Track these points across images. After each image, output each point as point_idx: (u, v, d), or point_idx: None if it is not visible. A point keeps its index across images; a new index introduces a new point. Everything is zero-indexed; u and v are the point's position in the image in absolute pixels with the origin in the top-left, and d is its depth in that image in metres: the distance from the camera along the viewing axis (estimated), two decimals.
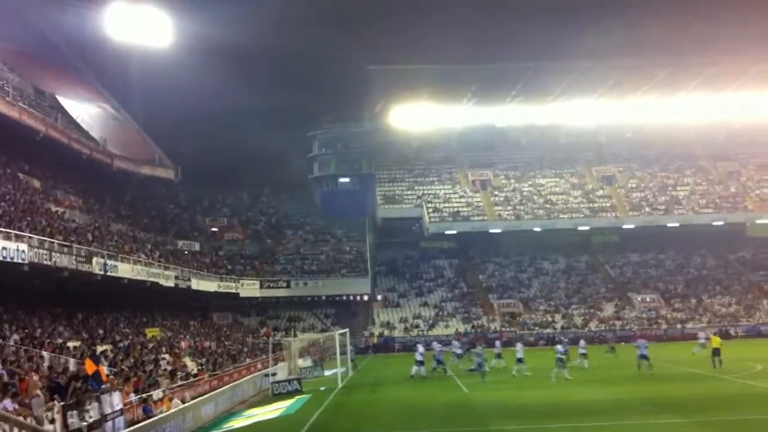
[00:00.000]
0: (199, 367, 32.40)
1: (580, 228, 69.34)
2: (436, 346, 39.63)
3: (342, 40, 69.54)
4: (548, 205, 70.95)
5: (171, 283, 43.11)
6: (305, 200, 78.66)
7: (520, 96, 69.57)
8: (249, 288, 59.02)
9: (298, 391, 31.65)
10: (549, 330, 59.53)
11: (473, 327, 60.34)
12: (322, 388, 32.60)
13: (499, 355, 38.13)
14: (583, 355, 35.55)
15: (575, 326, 59.73)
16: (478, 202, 72.07)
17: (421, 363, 35.44)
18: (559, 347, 32.97)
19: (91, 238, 37.49)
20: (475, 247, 72.44)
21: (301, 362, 39.35)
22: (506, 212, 70.38)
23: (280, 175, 77.58)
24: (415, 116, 71.29)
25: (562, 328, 59.41)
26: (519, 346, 35.60)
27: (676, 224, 68.50)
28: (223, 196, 76.41)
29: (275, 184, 78.58)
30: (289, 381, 33.08)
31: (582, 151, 78.50)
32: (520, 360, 33.68)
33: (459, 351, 40.90)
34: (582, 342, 37.41)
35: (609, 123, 74.07)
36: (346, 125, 79.06)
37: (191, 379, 28.85)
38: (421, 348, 37.02)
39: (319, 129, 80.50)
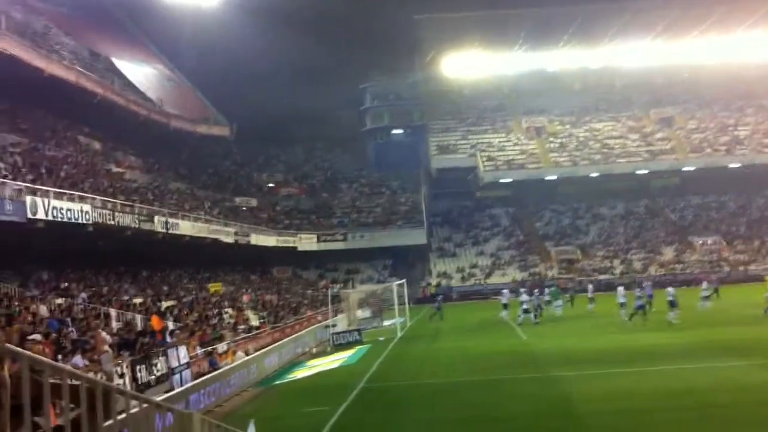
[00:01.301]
0: (261, 320, 33.05)
1: (638, 172, 68.14)
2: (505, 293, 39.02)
3: None
4: (605, 150, 69.79)
5: (231, 239, 43.84)
6: (358, 153, 78.74)
7: (573, 40, 68.10)
8: (306, 242, 59.67)
9: (358, 342, 32.12)
10: (607, 276, 58.98)
11: (530, 275, 60.17)
12: (381, 339, 33.00)
13: (591, 300, 38.08)
14: (672, 303, 29.62)
15: (634, 271, 59.08)
16: (533, 149, 71.24)
17: (505, 306, 35.92)
18: (637, 291, 32.21)
19: (151, 198, 38.27)
20: (531, 194, 71.81)
21: (360, 313, 39.84)
22: (562, 158, 69.51)
23: (333, 130, 77.67)
24: (466, 65, 70.42)
25: (622, 273, 58.80)
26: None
27: (738, 165, 66.78)
28: (277, 152, 76.93)
29: (328, 138, 78.74)
30: (348, 332, 33.59)
31: (638, 94, 76.77)
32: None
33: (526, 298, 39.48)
34: (670, 290, 30.92)
35: (665, 64, 72.15)
36: (398, 77, 78.51)
37: (254, 332, 29.47)
38: (506, 293, 37.37)
39: (371, 82, 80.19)
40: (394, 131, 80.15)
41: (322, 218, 65.08)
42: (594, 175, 68.08)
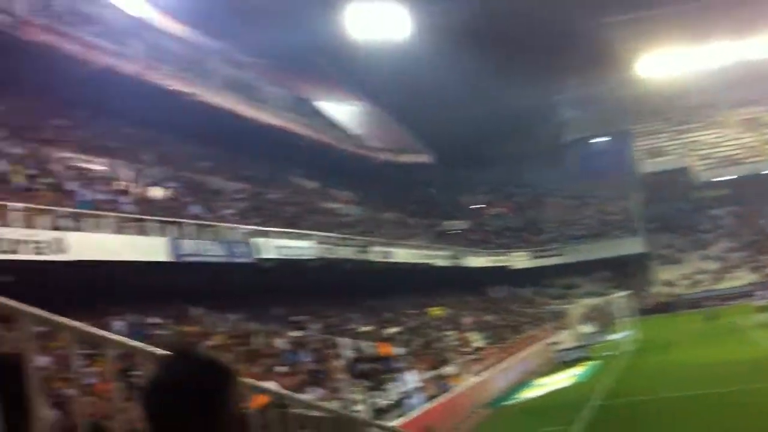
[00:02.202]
0: (484, 341, 32.95)
1: None
2: None
3: None
4: None
5: (445, 263, 44.32)
6: (559, 166, 76.95)
7: None
8: (519, 260, 59.05)
9: (586, 358, 31.15)
10: None
11: (767, 275, 55.62)
12: (609, 353, 31.79)
13: None
14: None
15: None
16: (750, 142, 66.25)
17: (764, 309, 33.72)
18: None
19: (366, 229, 39.57)
20: (754, 190, 66.57)
21: (584, 328, 38.69)
22: None
23: (530, 145, 76.38)
24: (664, 63, 67.08)
25: None
26: None
27: None
28: (478, 173, 76.92)
29: (526, 154, 77.56)
30: (575, 348, 32.70)
31: None
32: None
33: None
34: None
35: None
36: (594, 84, 76.10)
37: (478, 354, 29.40)
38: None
39: (566, 92, 78.35)
40: (595, 140, 77.73)
41: (532, 235, 64.20)
42: None
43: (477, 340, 33.03)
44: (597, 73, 73.31)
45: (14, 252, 15.83)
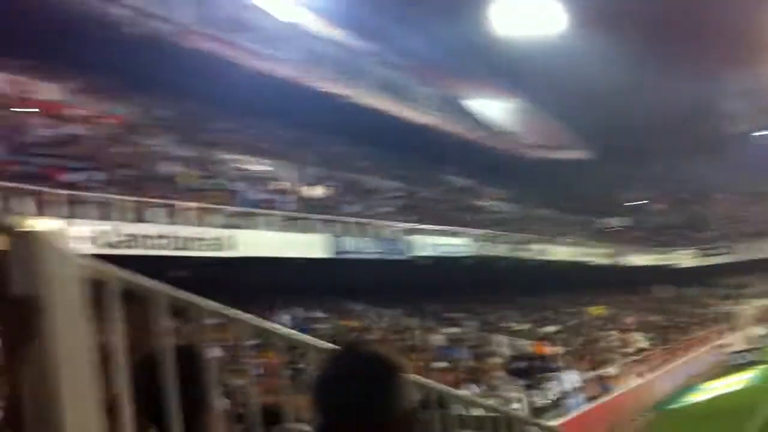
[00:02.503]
0: (649, 342, 31.80)
1: None
2: None
3: None
4: None
5: (604, 261, 43.11)
6: (723, 160, 72.75)
7: None
8: (685, 258, 56.45)
9: (758, 362, 29.38)
10: None
11: None
12: None
13: None
14: None
15: None
16: None
17: None
18: None
19: (520, 227, 39.16)
20: None
21: (755, 330, 36.52)
22: None
23: (690, 140, 72.69)
24: None
25: None
26: None
27: None
28: (637, 169, 74.10)
29: (686, 149, 73.82)
30: (746, 351, 30.95)
31: None
32: None
33: None
34: None
35: None
36: (756, 73, 71.42)
37: (642, 355, 28.42)
38: None
39: (727, 83, 73.93)
40: (761, 132, 72.97)
41: (697, 232, 61.19)
42: None
43: (640, 340, 31.91)
44: (761, 63, 68.85)
45: (188, 249, 16.95)
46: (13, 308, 1.48)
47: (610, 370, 23.60)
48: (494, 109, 58.89)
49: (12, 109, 19.93)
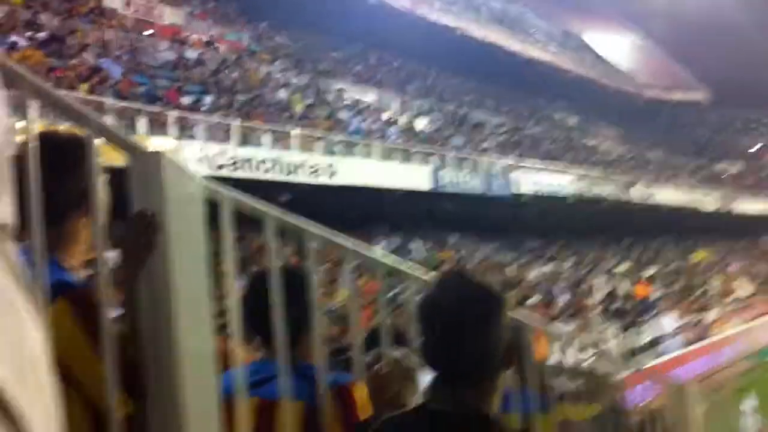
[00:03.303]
0: (752, 290, 30.79)
1: None
2: None
3: None
4: None
5: (712, 207, 41.67)
6: None
7: None
8: None
9: None
10: None
11: None
12: None
13: None
14: None
15: None
16: None
17: None
18: None
19: (628, 168, 38.15)
20: None
21: None
22: None
23: None
24: None
25: None
26: None
27: None
28: (757, 114, 70.48)
29: None
30: None
31: None
32: None
33: None
34: None
35: None
36: None
37: (745, 302, 27.60)
38: None
39: None
40: None
41: None
42: None
43: (744, 288, 30.92)
44: None
45: (293, 174, 17.35)
46: (132, 224, 1.56)
47: (710, 315, 23.05)
48: (611, 46, 57.11)
49: (135, 32, 20.57)
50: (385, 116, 26.55)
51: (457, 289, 1.73)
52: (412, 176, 21.71)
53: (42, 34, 16.44)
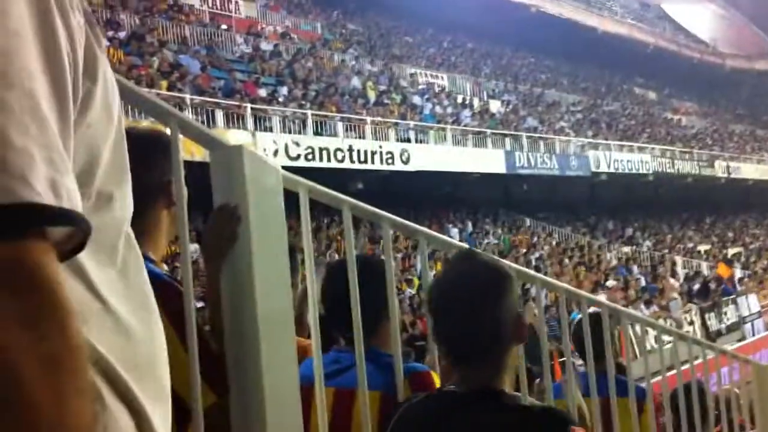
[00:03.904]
0: None
1: None
2: None
3: None
4: None
5: None
6: None
7: None
8: None
9: None
10: None
11: None
12: None
13: None
14: None
15: None
16: None
17: None
18: None
19: (710, 142, 37.03)
20: None
21: None
22: None
23: None
24: None
25: None
26: None
27: None
28: None
29: None
30: None
31: None
32: None
33: None
34: None
35: None
36: None
37: None
38: None
39: None
40: None
41: None
42: None
43: None
44: None
45: (367, 162, 17.47)
46: (215, 217, 1.58)
47: None
48: (691, 15, 55.36)
49: (212, 26, 20.99)
50: (457, 100, 26.40)
51: (464, 270, 1.78)
52: (486, 159, 21.59)
53: (122, 34, 16.92)
